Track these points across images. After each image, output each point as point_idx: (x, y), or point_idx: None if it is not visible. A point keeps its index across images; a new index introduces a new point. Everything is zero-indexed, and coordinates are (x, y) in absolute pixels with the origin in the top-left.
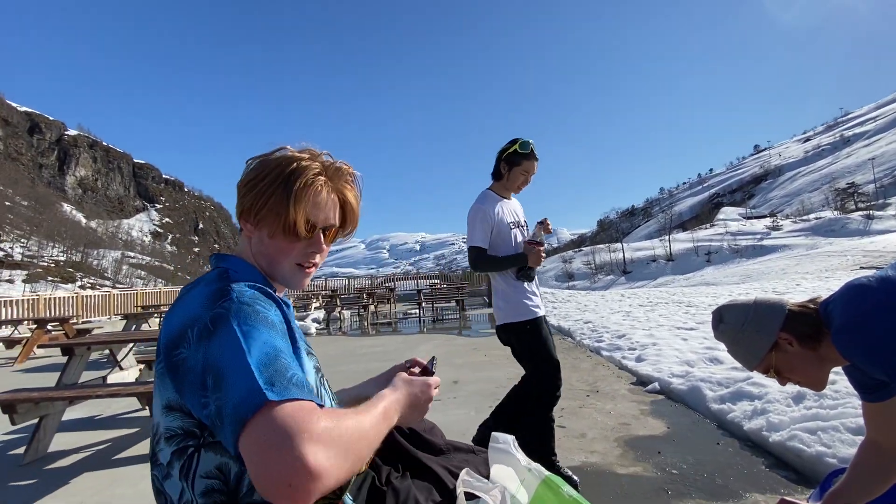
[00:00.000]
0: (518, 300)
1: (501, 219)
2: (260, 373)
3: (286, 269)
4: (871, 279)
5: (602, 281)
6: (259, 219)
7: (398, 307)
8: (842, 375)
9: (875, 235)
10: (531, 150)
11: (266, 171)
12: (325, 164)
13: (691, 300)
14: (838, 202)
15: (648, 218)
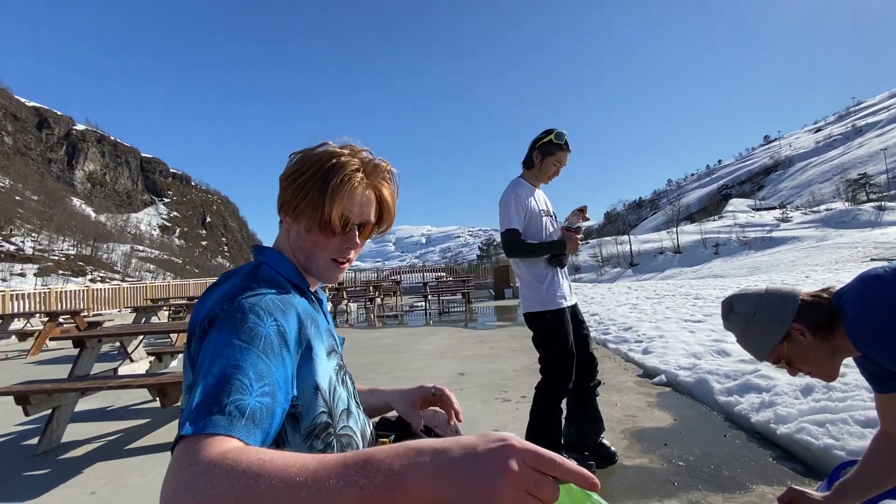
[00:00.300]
0: (541, 290)
1: (534, 206)
2: (203, 399)
3: (321, 264)
4: (886, 270)
5: (609, 273)
6: (298, 213)
7: (404, 300)
8: (851, 367)
9: (886, 227)
10: (565, 142)
11: (306, 166)
12: (363, 161)
13: (699, 292)
14: (849, 193)
15: (656, 210)
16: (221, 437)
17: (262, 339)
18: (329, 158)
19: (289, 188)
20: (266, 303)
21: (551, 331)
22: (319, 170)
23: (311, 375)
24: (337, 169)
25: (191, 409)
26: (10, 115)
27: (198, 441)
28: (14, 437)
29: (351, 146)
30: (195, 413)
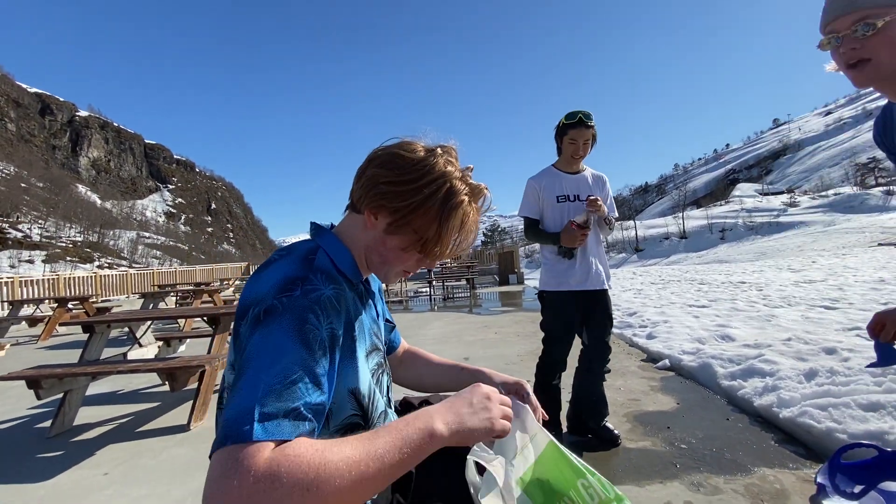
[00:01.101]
0: (545, 271)
1: (551, 192)
2: (264, 397)
3: (392, 271)
4: None
5: (614, 259)
6: (393, 222)
7: (409, 285)
8: (855, 352)
9: (894, 212)
10: (578, 119)
11: (419, 181)
12: (471, 187)
13: (704, 278)
14: (858, 178)
15: (662, 195)
16: (286, 442)
17: (318, 342)
18: (444, 182)
19: (388, 194)
20: (324, 302)
21: (543, 310)
22: (435, 192)
23: (348, 379)
24: (453, 196)
25: (251, 408)
26: (12, 101)
27: (260, 447)
28: (27, 420)
29: (453, 154)
30: (260, 414)
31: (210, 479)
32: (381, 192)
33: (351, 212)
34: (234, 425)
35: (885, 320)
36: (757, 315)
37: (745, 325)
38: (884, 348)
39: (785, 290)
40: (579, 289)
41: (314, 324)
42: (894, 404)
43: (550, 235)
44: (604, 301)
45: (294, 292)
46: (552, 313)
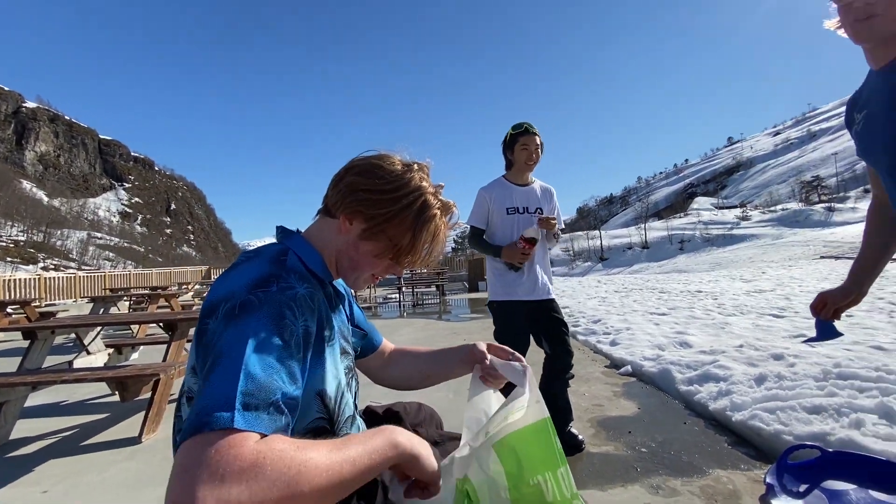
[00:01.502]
0: (493, 281)
1: (501, 203)
2: (245, 386)
3: (362, 276)
4: None
5: (580, 267)
6: (368, 229)
7: (378, 291)
8: (800, 357)
9: (835, 227)
10: (525, 128)
11: (396, 192)
12: (443, 203)
13: (664, 286)
14: (803, 194)
15: (626, 206)
16: (265, 435)
17: (294, 339)
18: (420, 194)
19: (365, 201)
20: (299, 300)
21: (494, 320)
22: (411, 204)
23: (316, 381)
24: (427, 209)
25: (231, 396)
26: None
27: (245, 436)
28: None
29: (426, 171)
30: (241, 403)
31: (183, 469)
32: (358, 199)
33: (323, 216)
34: (212, 412)
35: (827, 299)
36: (712, 323)
37: (701, 333)
38: (823, 325)
39: (738, 299)
40: (527, 299)
41: (290, 319)
42: (835, 407)
43: (493, 247)
44: (553, 308)
45: (270, 288)
46: (502, 322)
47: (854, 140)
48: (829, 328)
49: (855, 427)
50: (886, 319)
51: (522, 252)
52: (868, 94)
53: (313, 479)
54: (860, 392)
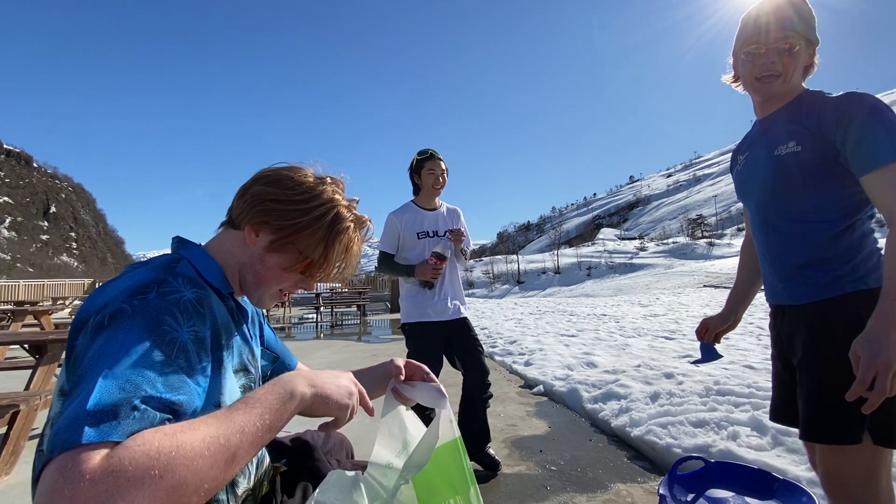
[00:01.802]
0: (406, 303)
1: (411, 228)
2: (100, 399)
3: (268, 292)
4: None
5: (498, 290)
6: (276, 240)
7: (293, 311)
8: (687, 375)
9: (714, 260)
10: (430, 153)
11: (308, 204)
12: (357, 218)
13: (573, 310)
14: (689, 230)
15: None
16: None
17: (178, 346)
18: (332, 207)
19: (274, 211)
20: (185, 304)
21: (407, 342)
22: (323, 215)
23: (214, 392)
24: (339, 222)
25: (81, 414)
26: None
27: (94, 448)
28: None
29: (341, 185)
30: (93, 417)
31: (37, 501)
32: (267, 209)
33: (227, 228)
34: (63, 434)
35: (709, 325)
36: (615, 344)
37: (605, 353)
38: (706, 348)
39: (636, 323)
40: (440, 319)
41: (171, 325)
42: (716, 421)
43: (404, 268)
44: (466, 328)
45: (148, 295)
46: (415, 344)
47: (734, 181)
48: (711, 350)
49: (732, 439)
50: (755, 342)
51: (434, 268)
52: (751, 140)
53: (192, 463)
54: (736, 407)
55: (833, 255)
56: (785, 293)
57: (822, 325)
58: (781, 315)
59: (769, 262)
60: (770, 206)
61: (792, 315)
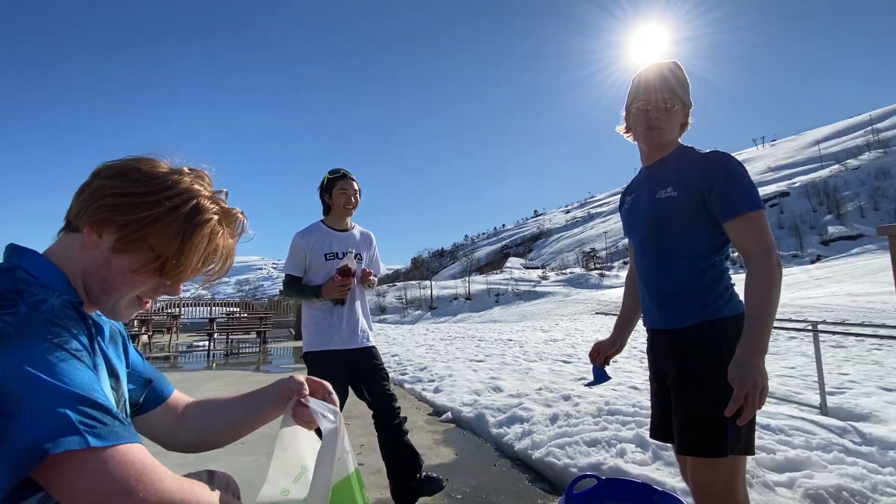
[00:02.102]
0: (309, 331)
1: (319, 249)
2: (74, 408)
3: (123, 301)
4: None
5: (411, 315)
6: (121, 240)
7: (182, 338)
8: (583, 397)
9: (605, 289)
10: (342, 173)
11: (157, 196)
12: (223, 210)
13: (482, 335)
14: (584, 262)
15: (454, 260)
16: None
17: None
18: (189, 198)
19: (117, 206)
20: (59, 311)
21: (309, 372)
22: (178, 207)
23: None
24: (199, 216)
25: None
26: None
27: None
28: None
29: (204, 176)
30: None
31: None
32: (107, 205)
33: (66, 232)
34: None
35: (600, 348)
36: (519, 368)
37: (510, 378)
38: (597, 370)
39: (538, 347)
40: (345, 347)
41: (64, 336)
42: (606, 439)
43: (311, 289)
44: (373, 356)
45: (16, 308)
46: (318, 375)
47: (622, 218)
48: (602, 373)
49: (620, 456)
50: (638, 364)
51: (340, 285)
52: (637, 184)
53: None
54: (623, 425)
55: (700, 287)
56: (660, 319)
57: (688, 348)
58: (657, 339)
59: (648, 291)
60: (650, 242)
61: (665, 339)
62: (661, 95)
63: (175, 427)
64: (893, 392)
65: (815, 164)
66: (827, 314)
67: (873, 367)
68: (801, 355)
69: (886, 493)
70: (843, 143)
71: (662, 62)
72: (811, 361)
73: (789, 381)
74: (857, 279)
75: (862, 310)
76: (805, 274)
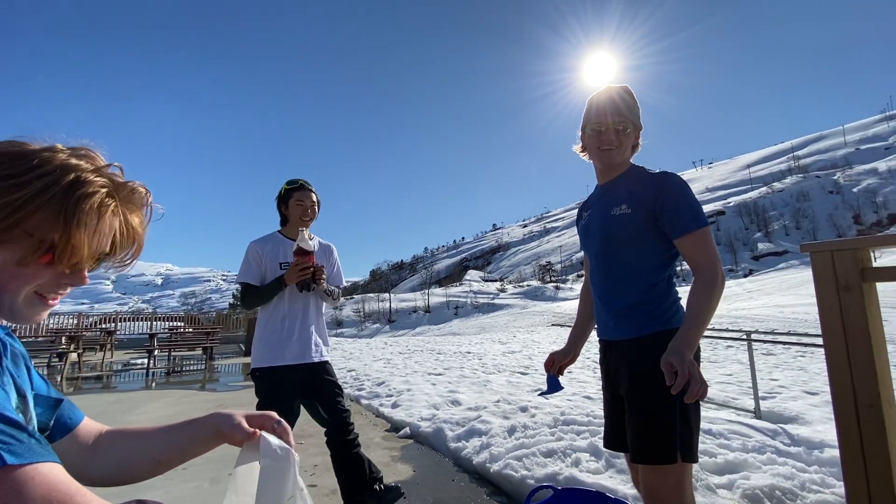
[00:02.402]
0: (259, 346)
1: (274, 258)
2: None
3: (20, 300)
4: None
5: (369, 329)
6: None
7: (117, 356)
8: (539, 408)
9: (560, 301)
10: (300, 184)
11: (27, 175)
12: (114, 182)
13: (441, 348)
14: (540, 275)
15: (414, 273)
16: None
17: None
18: (66, 172)
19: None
20: None
21: (257, 390)
22: (53, 184)
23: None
24: (81, 189)
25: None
26: None
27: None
28: None
29: (89, 154)
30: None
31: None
32: None
33: None
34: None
35: (555, 358)
36: (478, 381)
37: (469, 390)
38: (551, 379)
39: (496, 359)
40: (297, 363)
41: None
42: (562, 449)
43: (272, 284)
44: (326, 372)
45: None
46: (266, 392)
47: (579, 233)
48: (556, 382)
49: (575, 465)
50: (591, 374)
51: (301, 267)
52: (593, 200)
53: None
54: (577, 435)
55: (651, 299)
56: (614, 330)
57: (640, 358)
58: (610, 350)
59: (603, 303)
60: (605, 257)
61: (618, 349)
62: (613, 119)
63: (87, 460)
64: (816, 395)
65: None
66: (759, 324)
67: (798, 372)
68: (737, 363)
69: (813, 490)
70: (769, 168)
71: (614, 86)
72: (746, 368)
73: (728, 387)
74: (784, 292)
75: (788, 320)
76: (739, 287)
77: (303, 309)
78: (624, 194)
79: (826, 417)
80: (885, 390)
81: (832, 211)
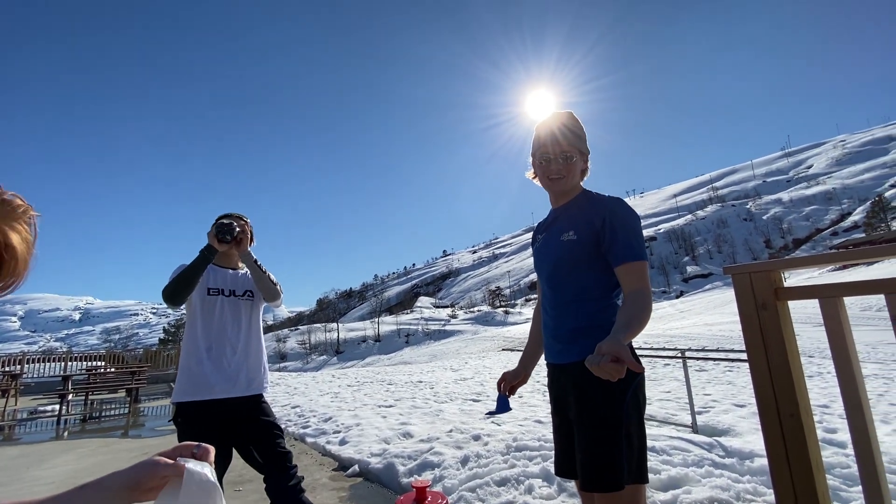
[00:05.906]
0: (182, 378)
1: (202, 283)
2: None
3: None
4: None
5: (315, 361)
6: None
7: (23, 402)
8: (492, 435)
9: (510, 326)
10: (233, 216)
11: None
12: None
13: (392, 378)
14: (490, 300)
15: (363, 301)
16: None
17: None
18: None
19: None
20: None
21: (178, 428)
22: None
23: None
24: None
25: None
26: None
27: None
28: None
29: None
30: None
31: None
32: None
33: None
34: None
35: (506, 377)
36: (430, 411)
37: (421, 421)
38: (501, 399)
39: (448, 387)
40: (226, 396)
41: None
42: (515, 476)
43: (198, 257)
44: (260, 407)
45: None
46: (189, 430)
47: (534, 256)
48: (505, 402)
49: (528, 492)
50: (542, 398)
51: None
52: (547, 224)
53: None
54: (530, 461)
55: (597, 323)
56: (562, 354)
57: (585, 384)
58: (557, 374)
59: (551, 326)
60: (554, 281)
61: (566, 374)
62: (560, 148)
63: None
64: (744, 408)
65: (674, 214)
66: (691, 342)
67: (728, 386)
68: (674, 380)
69: (747, 500)
70: (692, 197)
71: (560, 113)
72: (683, 385)
73: (667, 404)
74: (711, 311)
75: (716, 337)
76: (672, 307)
77: (234, 332)
78: (572, 221)
79: (754, 428)
80: (802, 400)
81: (747, 236)
